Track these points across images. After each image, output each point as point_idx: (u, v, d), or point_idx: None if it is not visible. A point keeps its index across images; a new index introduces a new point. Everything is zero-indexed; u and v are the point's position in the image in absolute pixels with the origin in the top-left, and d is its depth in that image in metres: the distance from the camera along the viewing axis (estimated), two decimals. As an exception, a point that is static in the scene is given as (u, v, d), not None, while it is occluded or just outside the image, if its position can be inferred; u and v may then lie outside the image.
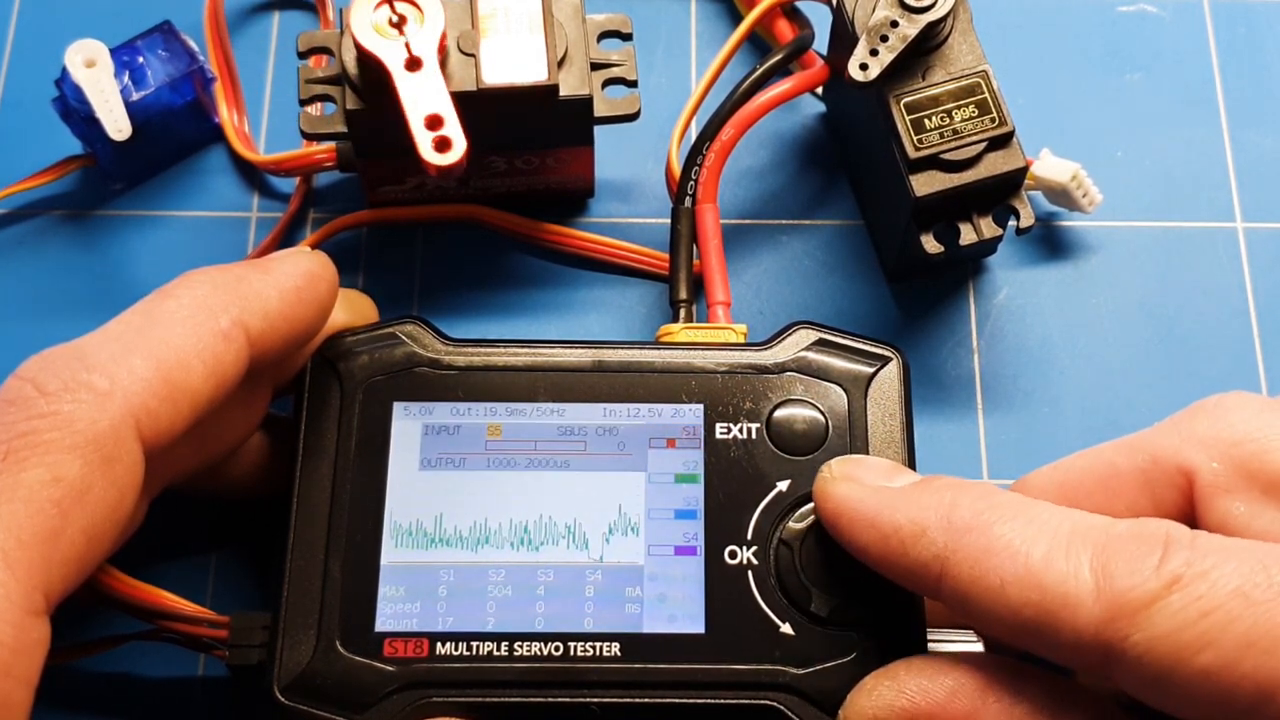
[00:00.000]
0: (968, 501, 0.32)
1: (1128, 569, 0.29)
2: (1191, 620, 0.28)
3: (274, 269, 0.35)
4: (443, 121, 0.38)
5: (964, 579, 0.31)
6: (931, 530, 0.32)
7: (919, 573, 0.32)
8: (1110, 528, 0.30)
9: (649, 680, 0.35)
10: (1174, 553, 0.29)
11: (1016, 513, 0.31)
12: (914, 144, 0.40)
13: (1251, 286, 0.46)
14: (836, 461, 0.35)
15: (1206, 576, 0.28)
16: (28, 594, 0.29)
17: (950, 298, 0.46)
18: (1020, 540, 0.30)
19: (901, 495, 0.33)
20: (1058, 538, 0.30)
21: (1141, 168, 0.48)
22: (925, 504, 0.32)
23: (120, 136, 0.44)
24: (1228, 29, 0.50)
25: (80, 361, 0.31)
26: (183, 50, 0.46)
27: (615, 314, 0.46)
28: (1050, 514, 0.31)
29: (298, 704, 0.35)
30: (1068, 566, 0.29)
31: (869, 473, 0.35)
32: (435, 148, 0.38)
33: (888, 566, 0.33)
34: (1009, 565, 0.30)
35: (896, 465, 0.36)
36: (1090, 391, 0.45)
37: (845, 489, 0.34)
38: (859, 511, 0.33)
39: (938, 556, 0.31)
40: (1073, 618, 0.29)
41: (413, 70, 0.39)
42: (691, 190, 0.43)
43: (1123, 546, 0.29)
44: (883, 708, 0.32)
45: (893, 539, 0.32)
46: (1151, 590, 0.28)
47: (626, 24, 0.43)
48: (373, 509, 0.37)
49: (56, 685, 0.40)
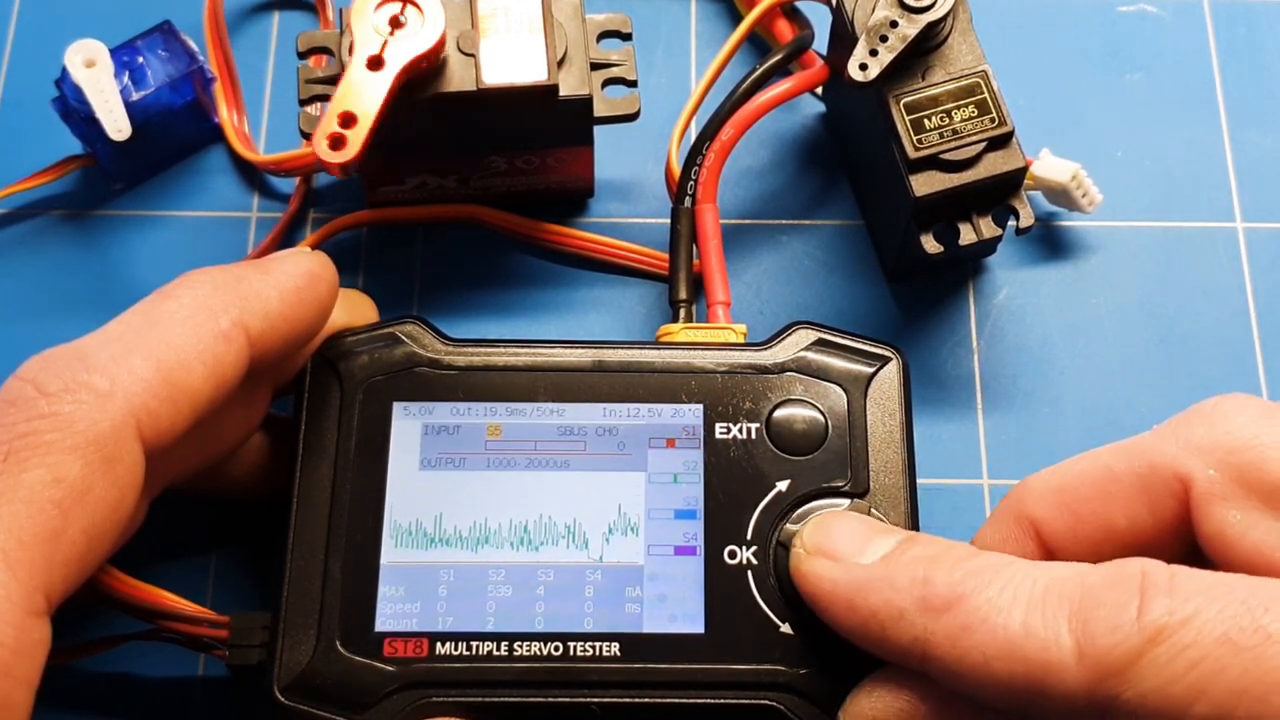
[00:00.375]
0: (941, 575, 0.31)
1: (1107, 625, 0.28)
2: (1180, 673, 0.27)
3: (274, 269, 0.35)
4: (354, 122, 0.38)
5: (948, 660, 0.30)
6: (909, 613, 0.31)
7: (903, 655, 0.31)
8: (1085, 578, 0.30)
9: (649, 680, 0.35)
10: (1152, 599, 0.28)
11: (990, 579, 0.31)
12: (914, 144, 0.40)
13: (1251, 286, 0.46)
14: (808, 532, 0.35)
15: (1190, 624, 0.28)
16: (28, 595, 0.29)
17: (950, 298, 0.46)
18: (996, 611, 0.30)
19: (875, 573, 0.32)
20: (1033, 601, 0.30)
21: (1141, 168, 0.48)
22: (899, 583, 0.32)
23: (120, 137, 0.44)
24: (1228, 29, 0.50)
25: (81, 362, 0.31)
26: (182, 50, 0.46)
27: (615, 314, 0.46)
28: (1024, 574, 0.30)
29: (298, 704, 0.35)
30: (1046, 632, 0.29)
31: (841, 543, 0.34)
32: (330, 142, 0.38)
33: (872, 648, 0.32)
34: (989, 640, 0.30)
35: (869, 524, 0.35)
36: (1090, 391, 0.45)
37: (819, 569, 0.33)
38: (835, 594, 0.33)
39: (918, 639, 0.31)
40: (1060, 684, 0.29)
41: (372, 69, 0.39)
42: (691, 190, 0.43)
43: (1099, 598, 0.29)
44: (882, 708, 0.32)
45: (871, 623, 0.32)
46: (1134, 646, 0.28)
47: (626, 24, 0.43)
48: (373, 509, 0.37)
49: (56, 685, 0.39)
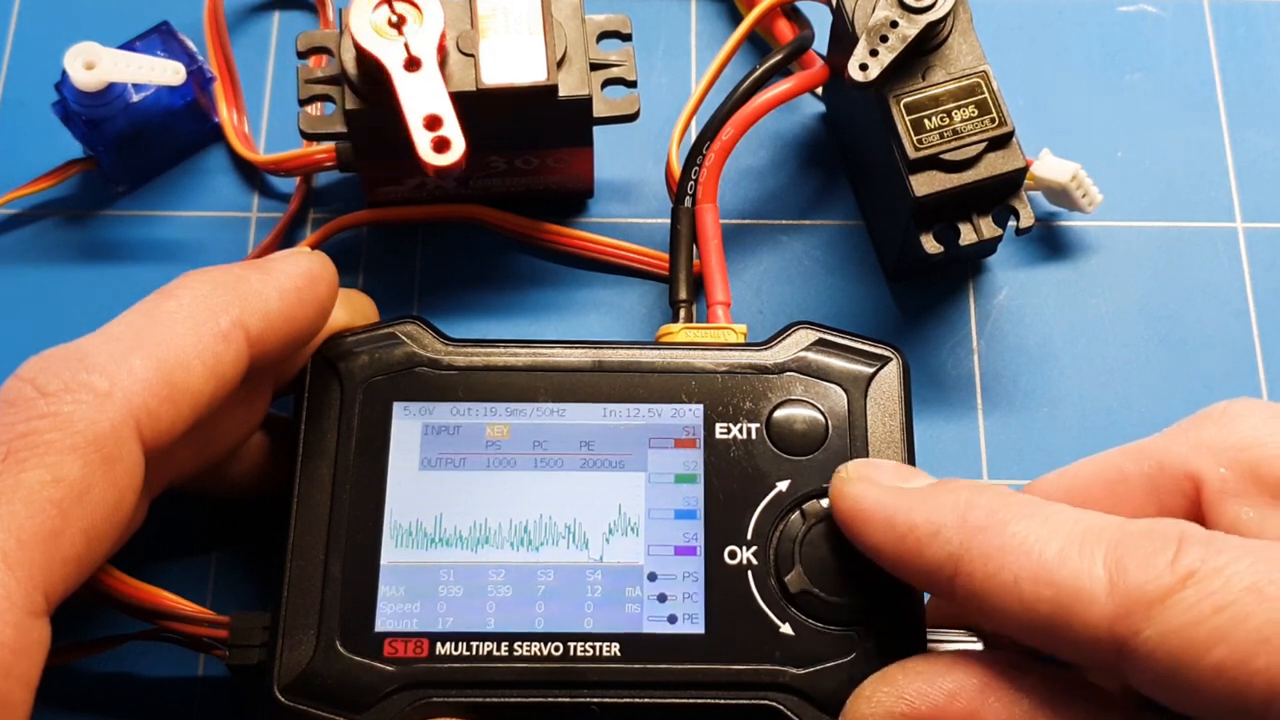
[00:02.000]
0: (983, 501, 0.32)
1: (1141, 565, 0.29)
2: (1205, 615, 0.28)
3: (274, 269, 0.35)
4: (441, 122, 0.38)
5: (978, 576, 0.31)
6: (946, 529, 0.32)
7: (933, 572, 0.32)
8: (1125, 525, 0.30)
9: (649, 680, 0.35)
10: (1188, 549, 0.29)
11: (1032, 512, 0.31)
12: (914, 144, 0.40)
13: (1251, 286, 0.46)
14: (853, 463, 0.36)
15: (1221, 572, 0.28)
16: (28, 595, 0.29)
17: (950, 298, 0.46)
18: (1035, 538, 0.30)
19: (917, 495, 0.33)
20: (1072, 535, 0.30)
21: (1141, 168, 0.48)
22: (941, 504, 0.32)
23: (179, 79, 0.44)
24: (1228, 29, 0.50)
25: (80, 362, 0.31)
26: (181, 51, 0.46)
27: (615, 314, 0.46)
28: (1065, 513, 0.31)
29: (297, 704, 0.35)
30: (1081, 563, 0.29)
31: (885, 474, 0.35)
32: (434, 148, 0.38)
33: (902, 566, 0.33)
34: (1023, 562, 0.30)
35: (912, 469, 0.36)
36: (1090, 391, 0.45)
37: (861, 489, 0.34)
38: (875, 511, 0.34)
39: (952, 555, 0.31)
40: (1086, 613, 0.29)
41: (411, 70, 0.39)
42: (691, 190, 0.43)
43: (1137, 543, 0.29)
44: (882, 713, 0.32)
45: (908, 538, 0.32)
46: (1165, 585, 0.28)
47: (626, 24, 0.43)
48: (373, 509, 0.37)
49: (56, 685, 0.40)
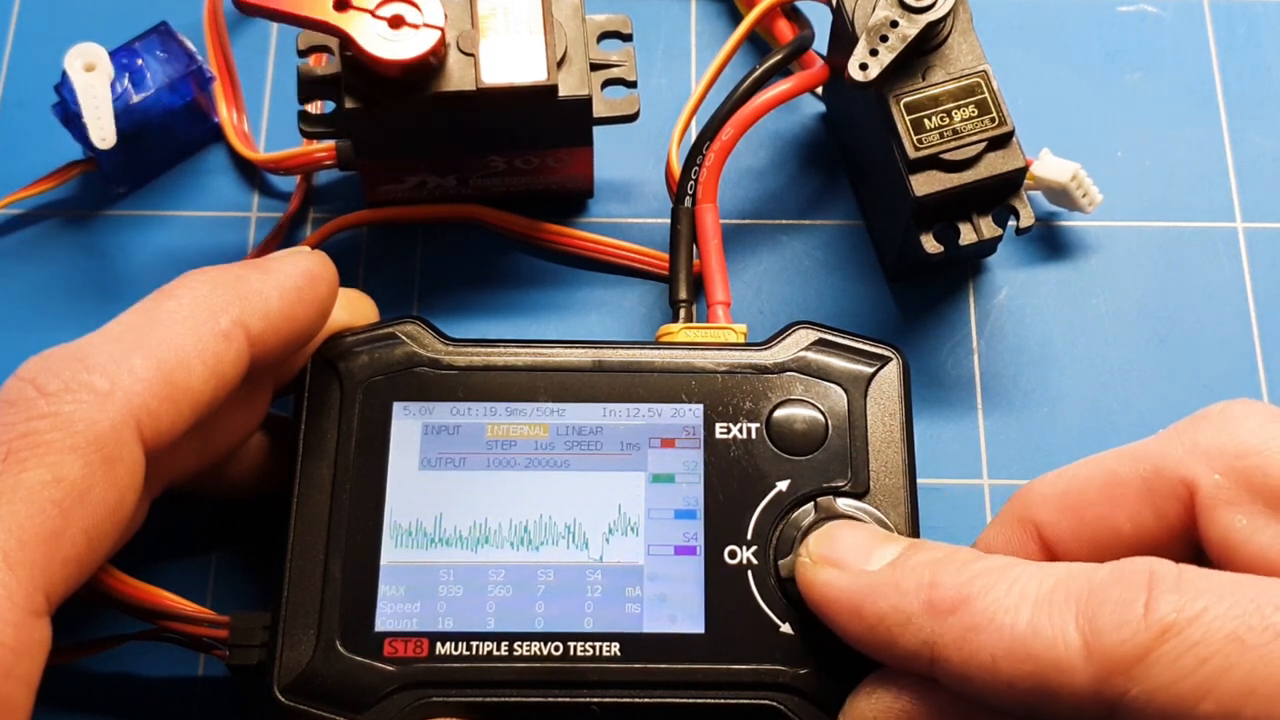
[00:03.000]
0: (947, 578, 0.31)
1: (1114, 621, 0.28)
2: (1189, 670, 0.27)
3: (274, 269, 0.35)
4: None
5: (955, 662, 0.30)
6: (916, 618, 0.31)
7: (911, 660, 0.31)
8: (1091, 576, 0.30)
9: (649, 680, 0.35)
10: (1160, 596, 0.28)
11: (996, 580, 0.31)
12: (914, 144, 0.40)
13: (1251, 286, 0.46)
14: (813, 540, 0.35)
15: (1198, 621, 0.28)
16: (29, 594, 0.29)
17: (950, 298, 0.46)
18: (1003, 611, 0.30)
19: (881, 580, 0.32)
20: (1040, 600, 0.30)
21: (1141, 168, 0.48)
22: (905, 588, 0.32)
23: (103, 145, 0.43)
24: (1228, 29, 0.50)
25: (80, 362, 0.31)
26: (181, 51, 0.46)
27: (615, 314, 0.46)
28: (1030, 575, 0.30)
29: (297, 704, 0.35)
30: (1053, 630, 0.29)
31: (847, 552, 0.34)
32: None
33: (879, 655, 0.32)
34: (996, 640, 0.30)
35: (873, 532, 0.35)
36: (1090, 391, 0.45)
37: (825, 577, 0.33)
38: (842, 602, 0.33)
39: (926, 643, 0.31)
40: (1070, 682, 0.28)
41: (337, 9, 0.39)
42: (691, 190, 0.43)
43: (1106, 595, 0.29)
44: (882, 710, 0.32)
45: (879, 629, 0.32)
46: (1142, 642, 0.28)
47: (626, 24, 0.43)
48: (373, 509, 0.37)
49: (56, 685, 0.39)
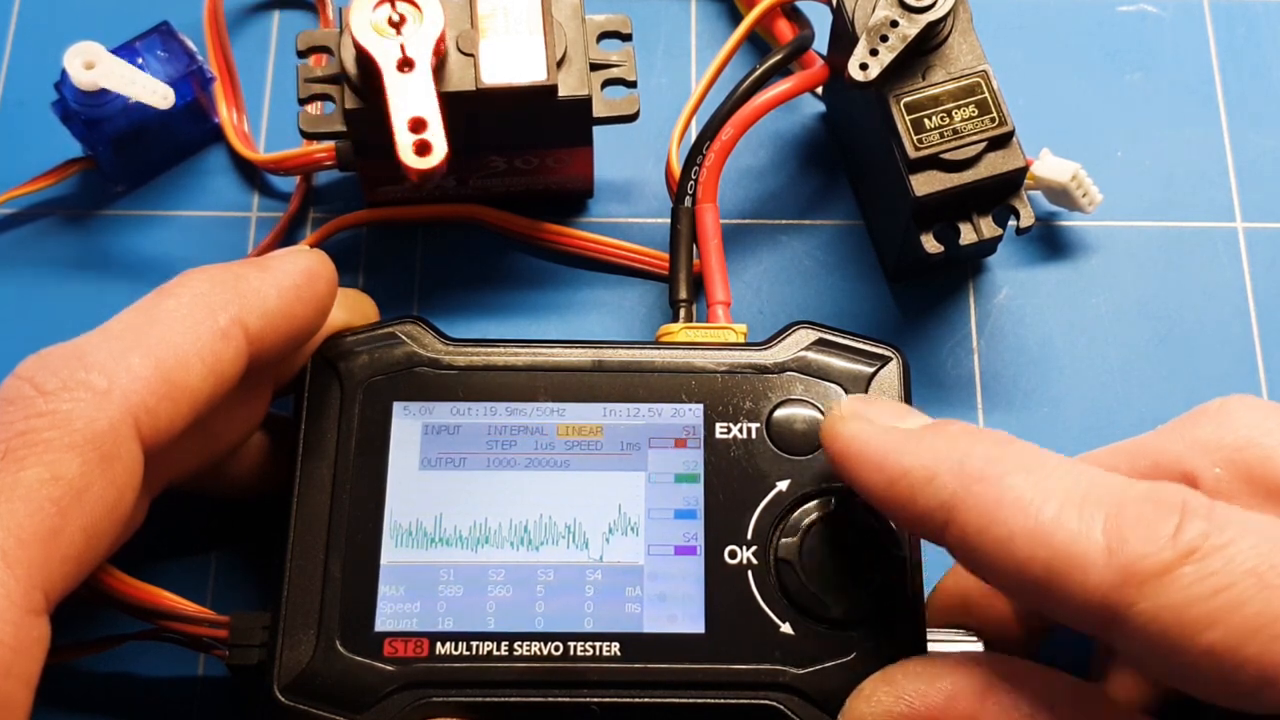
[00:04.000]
0: (981, 449, 0.31)
1: (1142, 534, 0.28)
2: (1203, 596, 0.27)
3: (273, 267, 0.35)
4: (426, 125, 0.38)
5: (971, 528, 0.30)
6: (942, 476, 0.31)
7: (925, 518, 0.31)
8: (1126, 489, 0.30)
9: (649, 680, 0.35)
10: (1190, 521, 0.28)
11: (1031, 465, 0.30)
12: (914, 144, 0.40)
13: (1251, 286, 0.46)
14: (848, 399, 0.34)
15: (1222, 551, 0.28)
16: (28, 593, 0.29)
17: (950, 298, 0.46)
18: (1032, 495, 0.30)
19: (913, 438, 0.32)
20: (1071, 495, 0.29)
21: (1141, 168, 0.48)
22: (937, 449, 0.31)
23: (167, 104, 0.43)
24: (1228, 29, 0.50)
25: (79, 360, 0.31)
26: (181, 51, 0.46)
27: (615, 314, 0.46)
28: (1065, 469, 0.30)
29: (297, 704, 0.35)
30: (1080, 526, 0.29)
31: (881, 412, 0.34)
32: (416, 150, 0.38)
33: (893, 510, 0.32)
34: (1019, 519, 0.29)
35: (909, 408, 0.35)
36: (1090, 391, 0.45)
37: (854, 428, 0.33)
38: (867, 452, 0.32)
39: (945, 504, 0.30)
40: (1081, 579, 0.28)
41: (404, 70, 0.39)
42: (691, 190, 0.43)
43: (1138, 510, 0.29)
44: (881, 714, 0.32)
45: (901, 483, 0.32)
46: (1165, 560, 0.28)
47: (626, 24, 0.43)
48: (373, 509, 0.36)
49: (56, 685, 0.40)
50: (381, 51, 0.39)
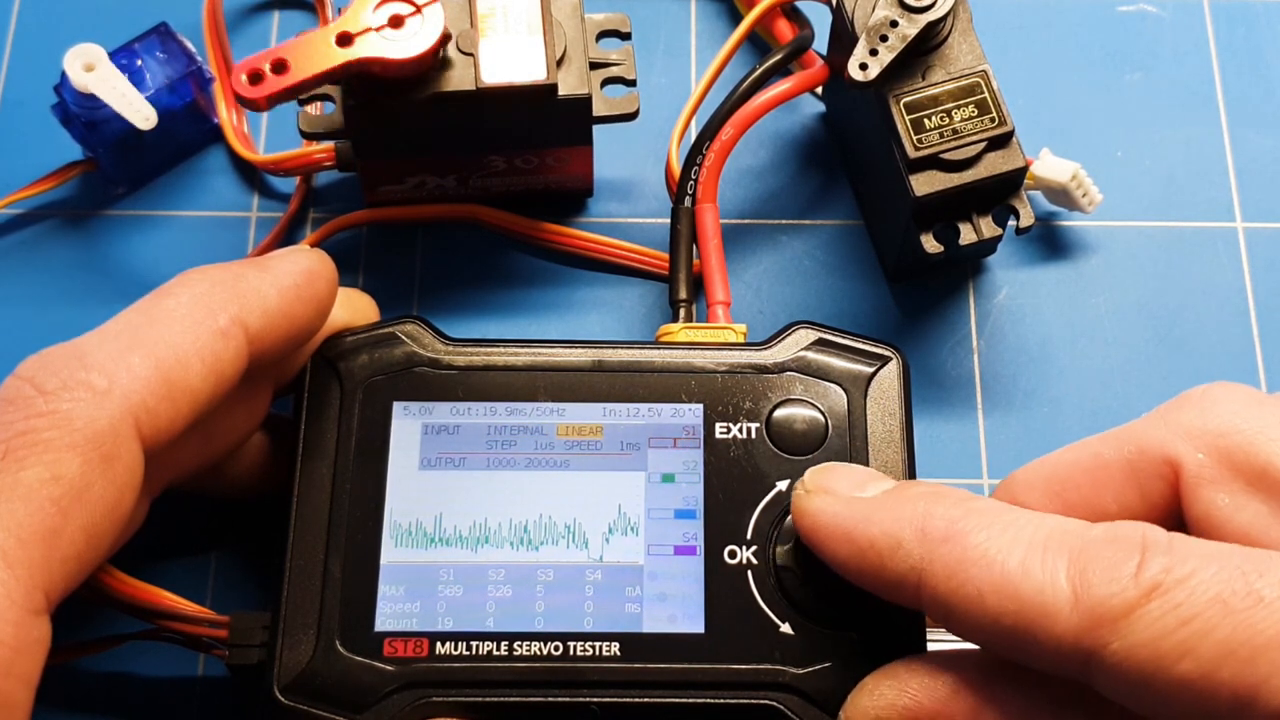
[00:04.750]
0: (942, 510, 0.31)
1: (1105, 576, 0.29)
2: (1170, 629, 0.28)
3: (273, 267, 0.35)
4: (285, 70, 0.38)
5: (941, 590, 0.30)
6: (907, 543, 0.31)
7: (897, 585, 0.32)
8: (1086, 532, 0.30)
9: (649, 680, 0.35)
10: (1151, 558, 0.29)
11: (992, 520, 0.31)
12: (914, 144, 0.40)
13: (1251, 286, 0.46)
14: (810, 473, 0.35)
15: (1185, 583, 0.28)
16: (28, 593, 0.29)
17: (950, 298, 0.46)
18: (996, 549, 0.30)
19: (875, 506, 0.33)
20: (1033, 545, 0.30)
21: (1141, 168, 0.48)
22: (899, 515, 0.32)
23: (148, 125, 0.43)
24: (1228, 29, 0.50)
25: (79, 360, 0.31)
26: (180, 52, 0.46)
27: (615, 314, 0.46)
28: (1025, 520, 0.31)
29: (297, 704, 0.35)
30: (1044, 575, 0.29)
31: (842, 482, 0.34)
32: (249, 75, 0.38)
33: (866, 580, 0.33)
34: (985, 575, 0.30)
35: (871, 472, 0.35)
36: (1090, 391, 0.45)
37: (819, 503, 0.34)
38: (834, 526, 0.33)
39: (914, 568, 0.31)
40: (1051, 626, 0.29)
41: (340, 44, 0.39)
42: (691, 190, 0.43)
43: (1099, 552, 0.29)
44: (885, 707, 0.32)
45: (869, 552, 0.32)
46: (1130, 599, 0.28)
47: (625, 23, 0.43)
48: (373, 509, 0.37)
49: (56, 685, 0.40)
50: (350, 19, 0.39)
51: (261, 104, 0.38)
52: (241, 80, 0.38)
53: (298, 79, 0.38)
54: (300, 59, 0.38)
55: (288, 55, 0.38)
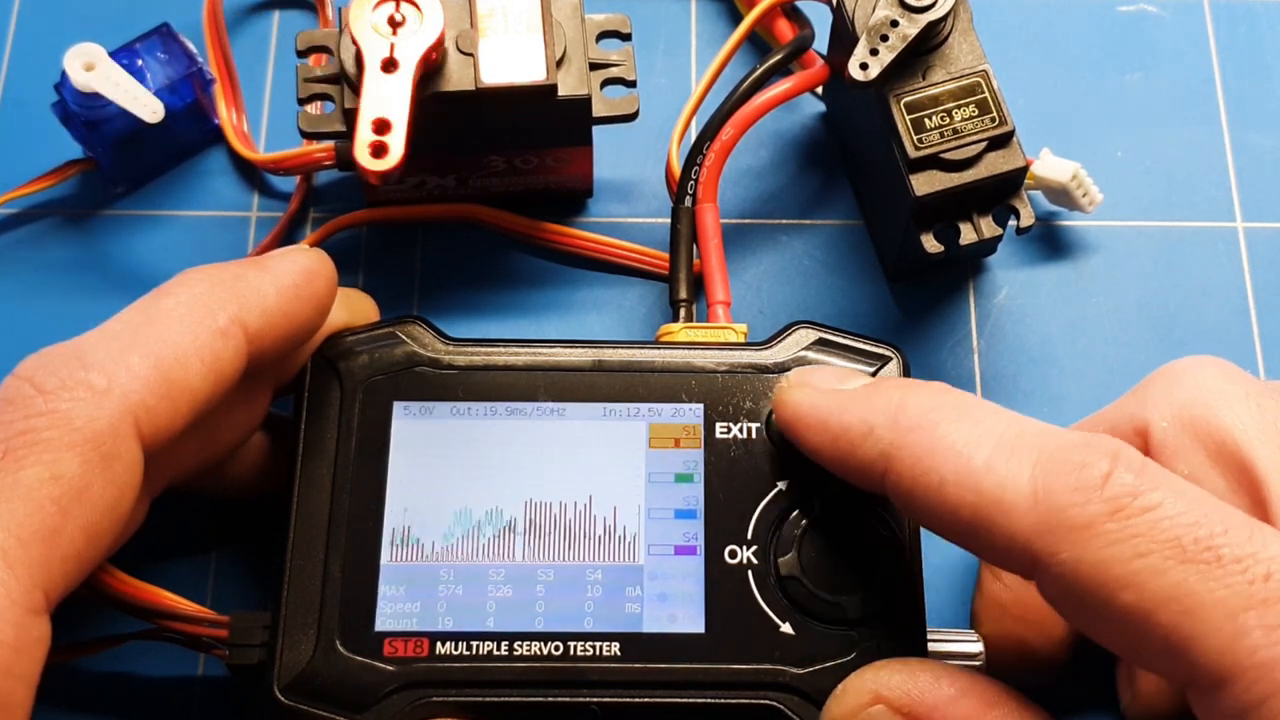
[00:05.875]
0: (915, 400, 0.32)
1: (1069, 483, 0.28)
2: (1123, 558, 0.27)
3: (272, 266, 0.35)
4: (390, 128, 0.38)
5: (905, 476, 0.31)
6: (878, 429, 0.32)
7: (866, 470, 0.32)
8: (1058, 436, 0.30)
9: (649, 680, 0.35)
10: (1120, 472, 0.28)
11: (964, 414, 0.31)
12: (914, 144, 0.40)
13: (1251, 286, 0.46)
14: (795, 370, 0.36)
15: (1149, 514, 0.27)
16: (28, 592, 0.29)
17: (950, 298, 0.46)
18: (963, 442, 0.30)
19: (852, 396, 0.33)
20: (1002, 442, 0.30)
21: (1141, 168, 0.48)
22: (874, 404, 0.32)
23: (156, 118, 0.43)
24: (1228, 29, 0.50)
25: (78, 360, 0.31)
26: (181, 52, 0.46)
27: (615, 314, 0.46)
28: (999, 417, 0.31)
29: (298, 704, 0.35)
30: (1007, 472, 0.29)
31: (824, 378, 0.35)
32: (372, 151, 0.38)
33: (837, 466, 0.33)
34: (949, 465, 0.30)
35: (853, 371, 0.36)
36: (1090, 391, 0.45)
37: (799, 394, 0.35)
38: (812, 415, 0.34)
39: (883, 454, 0.31)
40: (1006, 523, 0.29)
41: (388, 71, 0.39)
42: (691, 190, 0.43)
43: (1067, 457, 0.29)
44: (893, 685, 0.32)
45: (841, 439, 0.33)
46: (1089, 514, 0.28)
47: (625, 24, 0.43)
48: (373, 509, 0.36)
49: (56, 685, 0.40)
50: (371, 48, 0.39)
51: (398, 174, 0.38)
52: (369, 158, 0.38)
53: (405, 125, 0.38)
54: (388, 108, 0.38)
55: (378, 113, 0.38)
